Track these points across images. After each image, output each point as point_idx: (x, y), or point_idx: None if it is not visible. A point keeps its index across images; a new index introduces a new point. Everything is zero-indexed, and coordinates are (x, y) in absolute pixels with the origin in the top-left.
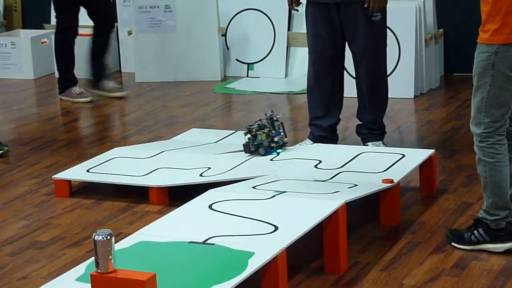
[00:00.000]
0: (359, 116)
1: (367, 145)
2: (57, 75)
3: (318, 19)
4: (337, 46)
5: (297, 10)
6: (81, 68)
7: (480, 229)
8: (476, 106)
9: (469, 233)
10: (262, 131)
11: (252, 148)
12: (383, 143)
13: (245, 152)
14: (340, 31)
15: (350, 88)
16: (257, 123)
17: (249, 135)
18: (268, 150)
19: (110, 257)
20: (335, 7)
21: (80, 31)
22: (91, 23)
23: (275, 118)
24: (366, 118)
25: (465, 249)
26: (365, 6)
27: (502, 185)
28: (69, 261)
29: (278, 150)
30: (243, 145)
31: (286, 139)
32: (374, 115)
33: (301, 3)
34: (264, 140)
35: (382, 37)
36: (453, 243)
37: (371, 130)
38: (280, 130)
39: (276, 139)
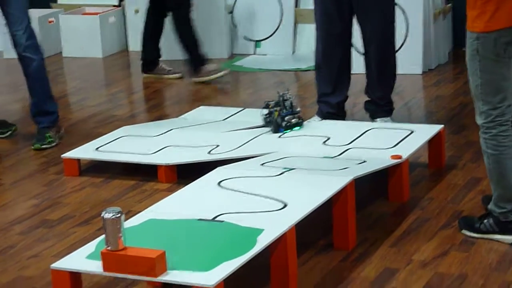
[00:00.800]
0: (368, 92)
1: (376, 121)
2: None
3: None
4: (345, 23)
5: None
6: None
7: (490, 219)
8: (474, 95)
9: (480, 222)
10: (275, 108)
11: (266, 124)
12: (391, 119)
13: (264, 125)
14: (349, 7)
15: (358, 64)
16: (283, 94)
17: (266, 110)
18: (278, 129)
19: (120, 234)
20: None
21: None
22: None
23: (285, 98)
24: (375, 94)
25: (474, 237)
26: None
27: (507, 177)
28: (79, 239)
29: (284, 131)
30: (262, 118)
31: (295, 120)
32: (382, 91)
33: None
34: (277, 118)
35: (392, 13)
36: (463, 230)
37: (380, 106)
38: (290, 110)
39: (286, 118)
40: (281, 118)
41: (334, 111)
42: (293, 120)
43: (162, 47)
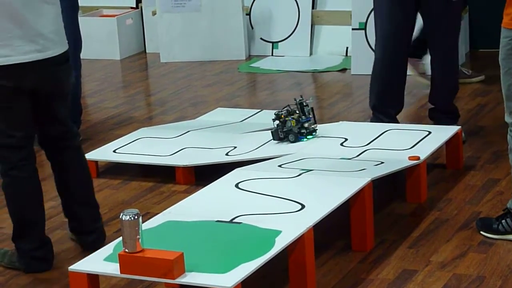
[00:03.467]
0: (432, 100)
1: None
2: None
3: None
4: (409, 29)
5: None
6: None
7: (508, 219)
8: (505, 95)
9: (498, 223)
10: (291, 116)
11: (281, 135)
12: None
13: (274, 139)
14: (414, 13)
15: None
16: (285, 108)
17: (277, 122)
18: (298, 137)
19: (138, 236)
20: None
21: None
22: None
23: (305, 103)
24: (440, 102)
25: (492, 237)
26: None
27: None
28: None
29: (308, 137)
30: (272, 132)
31: (316, 125)
32: (447, 99)
33: None
34: (294, 127)
35: (459, 20)
36: (481, 231)
37: (445, 114)
38: (310, 116)
39: (306, 125)
40: (301, 125)
41: (391, 121)
42: (312, 126)
43: (196, 49)
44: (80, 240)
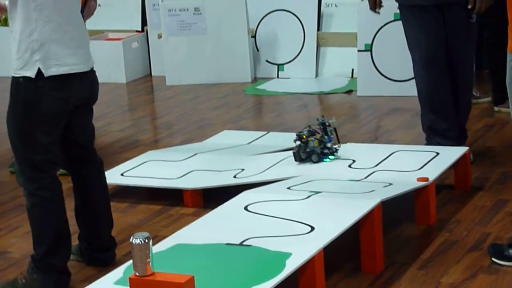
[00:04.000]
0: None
1: None
2: None
3: (417, 22)
4: (440, 47)
5: (379, 13)
6: None
7: None
8: None
9: (510, 250)
10: (314, 137)
11: (303, 155)
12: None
13: (295, 160)
14: (440, 33)
15: (381, 87)
16: (306, 129)
17: (299, 142)
18: (321, 157)
19: (148, 260)
20: (435, 9)
21: None
22: None
23: (327, 124)
24: (464, 122)
25: (504, 265)
26: (469, 7)
27: None
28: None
29: (330, 157)
30: (293, 152)
31: (339, 145)
32: (461, 120)
33: (382, 6)
34: (317, 147)
35: (476, 39)
36: (493, 258)
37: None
38: (332, 136)
39: (329, 145)
40: (324, 146)
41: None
42: (335, 146)
43: (201, 71)
44: (96, 257)
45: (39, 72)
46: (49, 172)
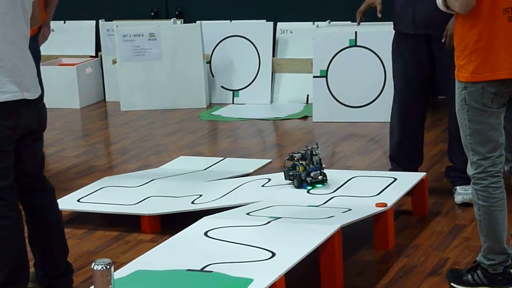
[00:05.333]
0: (451, 156)
1: (455, 189)
2: None
3: (404, 52)
4: (425, 85)
5: (359, 24)
6: None
7: (479, 272)
8: (464, 146)
9: (468, 275)
10: (301, 162)
11: (290, 177)
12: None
13: (285, 178)
14: (421, 62)
15: (337, 113)
16: (303, 150)
17: (290, 162)
18: (302, 184)
19: (110, 286)
20: (423, 40)
21: None
22: None
23: (314, 153)
24: (459, 159)
25: None
26: (443, 41)
27: (497, 229)
28: None
29: (308, 187)
30: (284, 170)
31: (321, 177)
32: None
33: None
34: (302, 172)
35: None
36: (452, 284)
37: (461, 173)
38: (318, 166)
39: (312, 174)
40: (307, 173)
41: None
42: (319, 177)
43: (156, 97)
44: (54, 284)
45: None
46: (7, 200)
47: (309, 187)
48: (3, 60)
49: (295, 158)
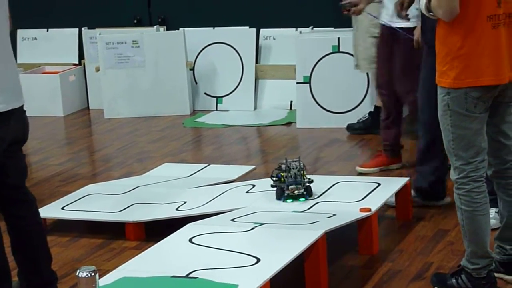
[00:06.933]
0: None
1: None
2: None
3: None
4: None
5: (407, 17)
6: None
7: (463, 276)
8: (447, 151)
9: (453, 279)
10: (282, 173)
11: (273, 185)
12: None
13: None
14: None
15: (320, 119)
16: (292, 161)
17: (276, 171)
18: (280, 197)
19: None
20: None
21: None
22: None
23: (292, 166)
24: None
25: None
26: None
27: (480, 234)
28: None
29: (288, 200)
30: (272, 179)
31: (298, 191)
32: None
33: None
34: (282, 183)
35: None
36: (436, 287)
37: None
38: (297, 179)
39: (290, 187)
40: (286, 186)
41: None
42: (295, 192)
43: (140, 104)
44: None
45: None
46: None
47: (287, 200)
48: None
49: (282, 168)
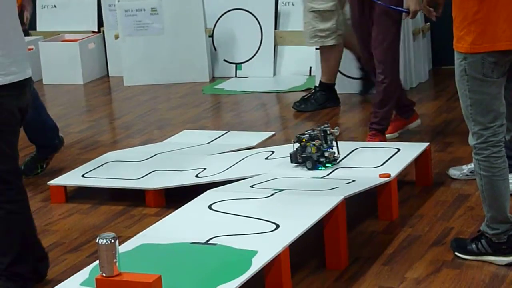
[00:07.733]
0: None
1: None
2: None
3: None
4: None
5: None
6: None
7: (483, 241)
8: (465, 116)
9: (473, 244)
10: (313, 143)
11: (299, 159)
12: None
13: (291, 162)
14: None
15: (340, 84)
16: (308, 132)
17: (298, 145)
18: (316, 165)
19: (115, 260)
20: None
21: None
22: None
23: (328, 132)
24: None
25: (468, 259)
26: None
27: (500, 199)
28: (70, 266)
29: (327, 165)
30: (290, 154)
31: (338, 155)
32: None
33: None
34: (314, 154)
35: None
36: (456, 253)
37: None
38: (333, 145)
39: (326, 154)
40: (321, 154)
41: None
42: (334, 155)
43: (159, 71)
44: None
45: None
46: (14, 183)
47: (322, 168)
48: (4, 42)
49: (304, 140)
